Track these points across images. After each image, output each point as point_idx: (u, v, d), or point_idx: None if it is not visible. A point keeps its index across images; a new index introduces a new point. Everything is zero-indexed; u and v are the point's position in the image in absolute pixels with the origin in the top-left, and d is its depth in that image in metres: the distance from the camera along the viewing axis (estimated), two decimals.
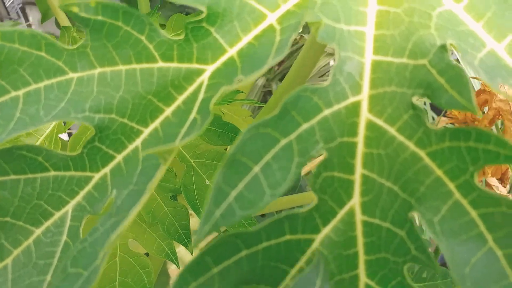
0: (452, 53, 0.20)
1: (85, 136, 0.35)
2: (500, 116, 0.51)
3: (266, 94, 1.23)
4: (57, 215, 0.20)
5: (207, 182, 0.35)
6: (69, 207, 0.20)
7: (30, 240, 0.20)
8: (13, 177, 0.20)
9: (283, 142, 0.18)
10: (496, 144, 0.15)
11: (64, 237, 0.20)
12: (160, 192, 0.36)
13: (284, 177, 0.17)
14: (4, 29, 0.19)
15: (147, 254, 0.39)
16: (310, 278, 0.18)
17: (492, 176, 0.52)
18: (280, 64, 1.20)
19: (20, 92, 0.20)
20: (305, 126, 0.18)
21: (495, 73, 0.17)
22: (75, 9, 0.19)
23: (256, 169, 0.17)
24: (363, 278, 0.18)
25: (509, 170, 0.52)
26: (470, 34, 0.19)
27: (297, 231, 0.18)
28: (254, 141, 0.17)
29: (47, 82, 0.20)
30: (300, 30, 0.19)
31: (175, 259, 0.35)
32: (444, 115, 0.57)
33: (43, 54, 0.20)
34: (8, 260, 0.20)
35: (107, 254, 0.16)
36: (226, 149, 0.40)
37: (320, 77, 0.83)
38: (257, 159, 0.17)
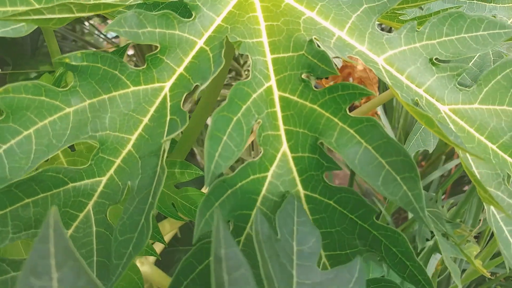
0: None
1: None
2: (363, 82, 0.68)
3: None
4: (81, 215, 0.27)
5: None
6: (89, 207, 0.27)
7: (70, 231, 0.26)
8: (42, 195, 0.26)
9: (235, 118, 0.28)
10: (353, 88, 0.27)
11: (94, 228, 0.27)
12: (123, 203, 0.42)
13: (241, 139, 0.27)
14: (13, 84, 0.25)
15: None
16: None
17: None
18: None
19: (31, 130, 0.26)
20: (244, 106, 0.28)
21: (343, 50, 0.30)
22: (67, 60, 0.26)
23: (224, 137, 0.27)
24: (301, 191, 0.29)
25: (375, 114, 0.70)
26: (324, 29, 0.31)
27: (255, 172, 0.28)
28: (219, 121, 0.27)
29: (50, 119, 0.27)
30: (224, 48, 0.29)
31: (155, 253, 0.42)
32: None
33: (43, 98, 0.26)
34: None
35: (152, 215, 0.24)
36: None
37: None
38: (224, 131, 0.27)
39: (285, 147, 0.29)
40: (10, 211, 0.25)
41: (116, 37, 1.15)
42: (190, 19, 0.30)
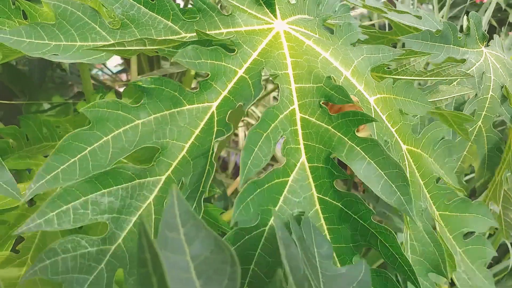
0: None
1: None
2: None
3: None
4: (144, 205, 0.34)
5: None
6: (151, 199, 0.34)
7: (134, 218, 0.34)
8: (115, 187, 0.34)
9: (265, 134, 0.35)
10: (361, 115, 0.35)
11: (153, 216, 0.34)
12: None
13: (268, 151, 0.35)
14: (98, 101, 0.33)
15: None
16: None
17: None
18: None
19: (109, 137, 0.34)
20: (272, 125, 0.36)
21: (348, 88, 0.38)
22: (140, 83, 0.34)
23: (256, 149, 0.34)
24: (315, 194, 0.36)
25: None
26: (336, 69, 0.39)
27: (279, 177, 0.36)
28: (252, 136, 0.34)
29: (123, 128, 0.34)
30: (262, 77, 0.36)
31: None
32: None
33: (120, 112, 0.34)
34: (122, 238, 0.33)
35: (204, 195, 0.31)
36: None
37: None
38: (256, 144, 0.34)
39: (303, 158, 0.37)
40: (90, 197, 0.33)
41: (120, 72, 1.26)
42: (234, 53, 0.37)
